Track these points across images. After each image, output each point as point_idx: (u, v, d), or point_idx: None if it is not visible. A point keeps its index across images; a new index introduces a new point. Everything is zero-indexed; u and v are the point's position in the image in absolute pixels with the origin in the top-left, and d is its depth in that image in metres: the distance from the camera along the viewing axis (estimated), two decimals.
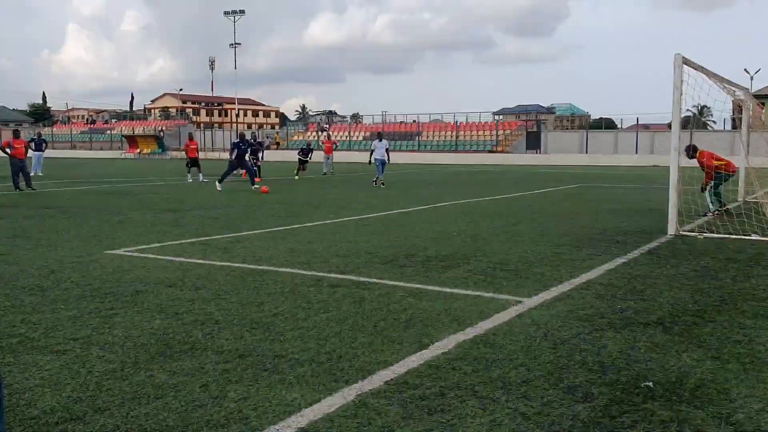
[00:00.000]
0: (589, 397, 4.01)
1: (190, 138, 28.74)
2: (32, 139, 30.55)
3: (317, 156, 33.61)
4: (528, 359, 4.68)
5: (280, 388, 4.12)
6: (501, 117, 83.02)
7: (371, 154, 24.66)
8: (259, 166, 26.91)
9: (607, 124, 73.58)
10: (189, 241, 10.22)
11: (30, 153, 25.09)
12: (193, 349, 4.88)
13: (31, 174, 23.77)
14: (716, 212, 13.98)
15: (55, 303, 6.22)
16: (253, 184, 21.74)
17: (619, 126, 69.82)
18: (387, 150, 24.57)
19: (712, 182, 14.08)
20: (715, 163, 13.99)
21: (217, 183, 21.61)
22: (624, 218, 13.48)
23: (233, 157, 22.29)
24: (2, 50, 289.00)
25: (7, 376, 4.29)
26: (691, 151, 13.95)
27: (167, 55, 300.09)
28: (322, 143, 34.01)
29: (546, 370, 4.46)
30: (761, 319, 5.80)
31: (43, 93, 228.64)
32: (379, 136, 25.13)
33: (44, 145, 32.47)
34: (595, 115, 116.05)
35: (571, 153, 55.56)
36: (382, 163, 24.31)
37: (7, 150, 21.02)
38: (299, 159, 30.17)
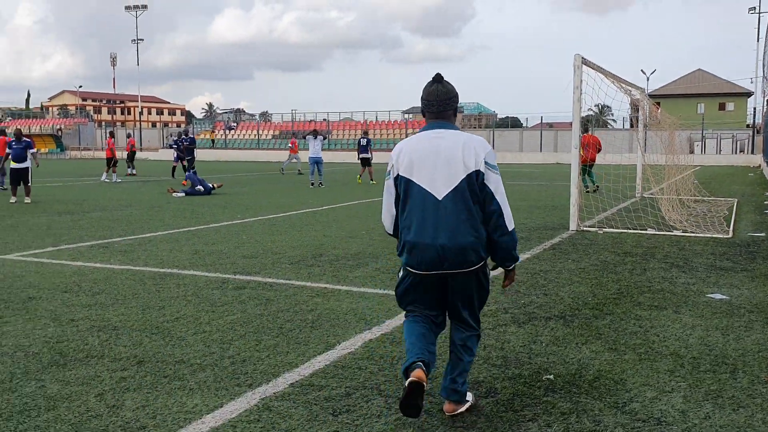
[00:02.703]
0: (492, 392, 4.06)
1: (111, 135, 27.49)
2: None
3: (282, 156, 33.87)
4: None
5: (180, 394, 3.98)
6: (410, 116, 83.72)
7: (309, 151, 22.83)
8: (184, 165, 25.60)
9: (513, 123, 75.48)
10: (87, 244, 9.80)
11: None
12: (89, 357, 4.66)
13: None
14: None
15: None
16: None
17: (524, 124, 71.69)
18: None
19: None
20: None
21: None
22: (528, 215, 13.83)
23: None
24: None
25: None
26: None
27: (65, 51, 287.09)
28: (291, 144, 34.85)
29: None
30: (656, 310, 6.04)
31: None
32: (314, 134, 22.83)
33: None
34: (501, 114, 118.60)
35: None
36: (317, 162, 22.55)
37: None
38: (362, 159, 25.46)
